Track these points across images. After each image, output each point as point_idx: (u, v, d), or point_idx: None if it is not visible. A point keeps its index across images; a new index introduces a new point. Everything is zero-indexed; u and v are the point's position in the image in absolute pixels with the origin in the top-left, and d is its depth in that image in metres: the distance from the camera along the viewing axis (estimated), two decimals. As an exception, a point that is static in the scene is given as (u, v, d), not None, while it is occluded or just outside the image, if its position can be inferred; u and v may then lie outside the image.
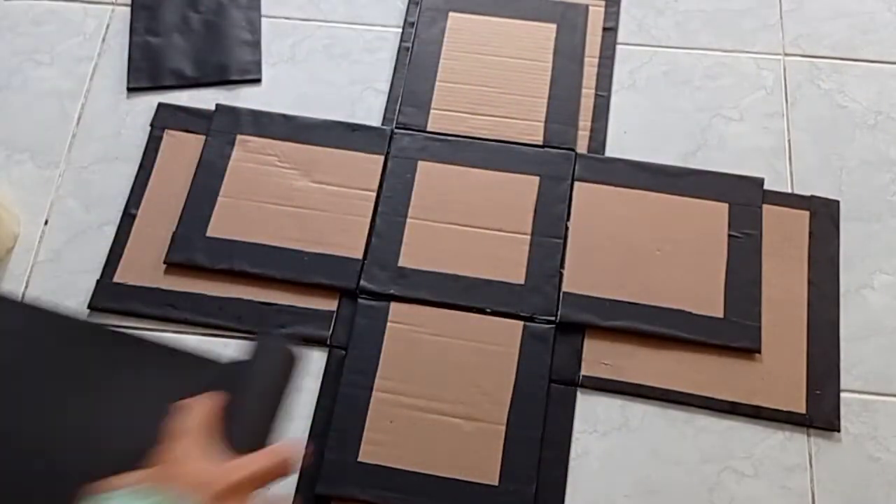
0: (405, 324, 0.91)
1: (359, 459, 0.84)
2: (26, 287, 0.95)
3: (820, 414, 0.86)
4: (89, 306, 0.92)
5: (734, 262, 0.92)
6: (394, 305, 0.91)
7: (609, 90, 1.05)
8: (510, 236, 0.95)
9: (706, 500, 0.83)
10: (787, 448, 0.85)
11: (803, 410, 0.86)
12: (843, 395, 0.87)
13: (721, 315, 0.90)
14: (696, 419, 0.87)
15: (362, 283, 0.92)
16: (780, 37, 1.08)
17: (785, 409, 0.86)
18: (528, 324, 0.90)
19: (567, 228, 0.95)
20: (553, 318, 0.90)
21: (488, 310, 0.91)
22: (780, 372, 0.88)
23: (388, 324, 0.90)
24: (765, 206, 0.96)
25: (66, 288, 0.94)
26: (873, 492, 0.83)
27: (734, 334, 0.89)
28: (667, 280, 0.92)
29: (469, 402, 0.87)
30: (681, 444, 0.86)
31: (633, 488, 0.84)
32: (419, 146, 1.00)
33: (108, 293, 0.93)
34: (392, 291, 0.92)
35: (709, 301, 0.91)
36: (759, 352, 0.88)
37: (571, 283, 0.92)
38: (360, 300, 0.92)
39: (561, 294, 0.91)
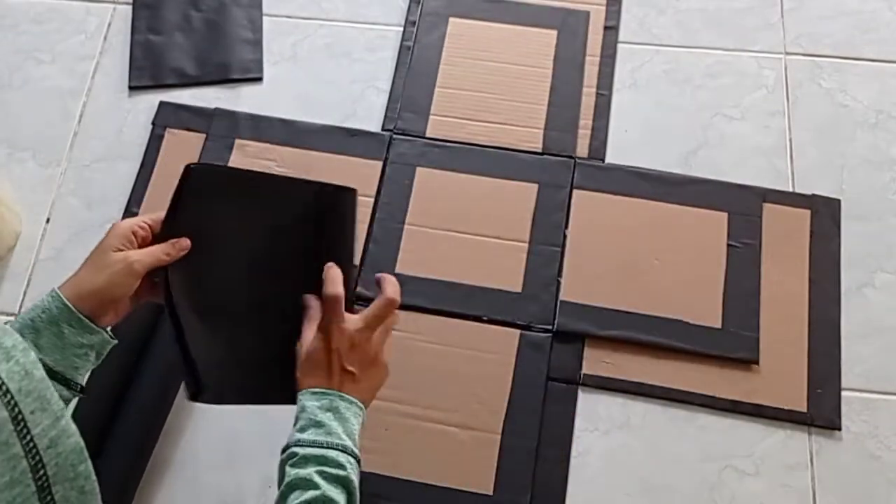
0: (401, 331, 0.90)
1: None
2: (28, 285, 0.95)
3: (821, 412, 0.86)
4: (91, 304, 0.93)
5: (733, 272, 0.92)
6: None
7: (610, 89, 1.05)
8: (508, 244, 0.95)
9: (707, 498, 0.83)
10: (788, 446, 0.85)
11: (804, 409, 0.86)
12: (844, 393, 0.87)
13: (719, 325, 0.90)
14: (698, 418, 0.87)
15: (359, 289, 0.92)
16: (782, 36, 1.08)
17: (786, 407, 0.86)
18: (524, 332, 0.90)
19: (565, 237, 0.95)
20: (550, 327, 0.90)
21: (485, 318, 0.91)
22: (781, 370, 0.88)
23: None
24: (766, 205, 0.96)
25: (68, 286, 0.94)
26: (874, 490, 0.83)
27: (732, 345, 0.89)
28: (665, 289, 0.92)
29: (464, 410, 0.87)
30: (682, 442, 0.86)
31: (635, 487, 0.84)
32: (418, 152, 1.00)
33: (109, 291, 0.93)
34: None
35: (707, 311, 0.91)
36: (757, 363, 0.88)
37: (569, 291, 0.92)
38: (356, 307, 0.90)
39: (558, 302, 0.91)
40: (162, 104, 1.05)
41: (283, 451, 0.63)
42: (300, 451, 0.62)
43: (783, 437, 0.86)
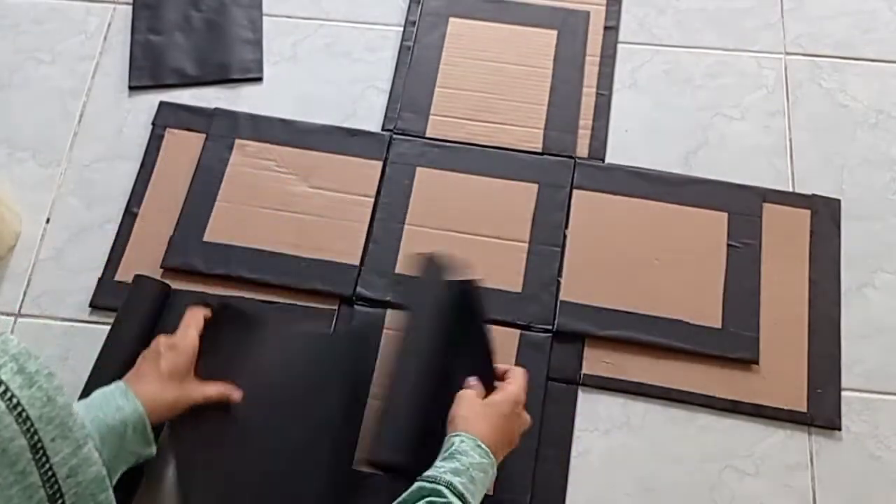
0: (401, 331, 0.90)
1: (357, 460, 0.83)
2: (28, 285, 0.95)
3: (821, 412, 0.86)
4: (91, 305, 0.92)
5: (733, 272, 0.92)
6: (390, 312, 0.91)
7: (610, 89, 1.05)
8: (508, 244, 0.95)
9: (707, 498, 0.83)
10: (788, 447, 0.85)
11: (804, 409, 0.86)
12: (844, 393, 0.87)
13: (719, 325, 0.90)
14: (698, 418, 0.87)
15: (359, 289, 0.92)
16: (782, 36, 1.08)
17: (786, 407, 0.86)
18: (524, 332, 0.90)
19: (565, 237, 0.95)
20: (550, 327, 0.90)
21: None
22: (781, 371, 0.88)
23: (384, 331, 0.90)
24: (766, 205, 0.96)
25: (68, 286, 0.94)
26: (874, 490, 0.83)
27: (732, 345, 0.89)
28: (665, 289, 0.92)
29: None
30: (682, 442, 0.86)
31: (635, 487, 0.84)
32: (418, 152, 1.00)
33: (109, 292, 0.93)
34: (388, 298, 0.91)
35: (707, 311, 0.90)
36: (757, 363, 0.88)
37: (569, 291, 0.92)
38: (356, 307, 0.91)
39: (558, 303, 0.91)
40: (162, 104, 1.05)
41: (426, 478, 0.65)
42: (448, 495, 0.63)
43: (783, 437, 0.86)
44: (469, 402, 0.72)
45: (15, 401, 0.41)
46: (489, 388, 0.76)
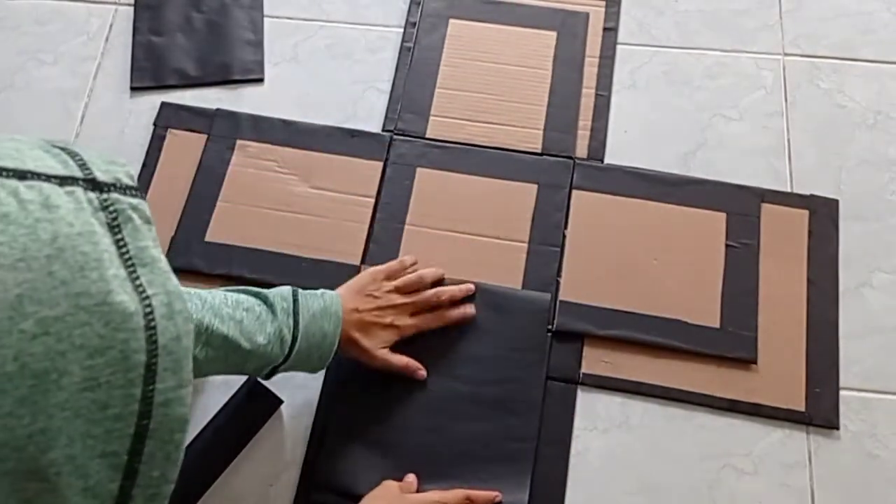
0: None
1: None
2: (30, 285, 0.95)
3: (819, 412, 0.86)
4: (93, 304, 0.93)
5: (731, 271, 0.93)
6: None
7: (609, 90, 1.06)
8: (507, 244, 0.95)
9: (706, 497, 0.83)
10: (786, 446, 0.85)
11: (803, 408, 0.86)
12: (842, 392, 0.87)
13: (717, 325, 0.90)
14: (696, 417, 0.87)
15: None
16: (780, 37, 1.09)
17: (784, 406, 0.87)
18: None
19: (565, 237, 0.95)
20: (549, 327, 0.90)
21: None
22: (779, 370, 0.88)
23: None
24: (764, 206, 0.96)
25: (70, 286, 0.94)
26: (872, 489, 0.84)
27: (730, 345, 0.89)
28: (664, 289, 0.92)
29: None
30: (681, 441, 0.86)
31: (634, 486, 0.84)
32: (418, 153, 1.00)
33: (111, 291, 0.93)
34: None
35: (705, 311, 0.91)
36: (755, 362, 0.88)
37: (568, 291, 0.92)
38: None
39: (557, 302, 0.92)
40: (163, 105, 1.05)
41: None
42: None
43: (781, 436, 0.86)
44: (384, 494, 0.77)
45: (153, 324, 0.44)
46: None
